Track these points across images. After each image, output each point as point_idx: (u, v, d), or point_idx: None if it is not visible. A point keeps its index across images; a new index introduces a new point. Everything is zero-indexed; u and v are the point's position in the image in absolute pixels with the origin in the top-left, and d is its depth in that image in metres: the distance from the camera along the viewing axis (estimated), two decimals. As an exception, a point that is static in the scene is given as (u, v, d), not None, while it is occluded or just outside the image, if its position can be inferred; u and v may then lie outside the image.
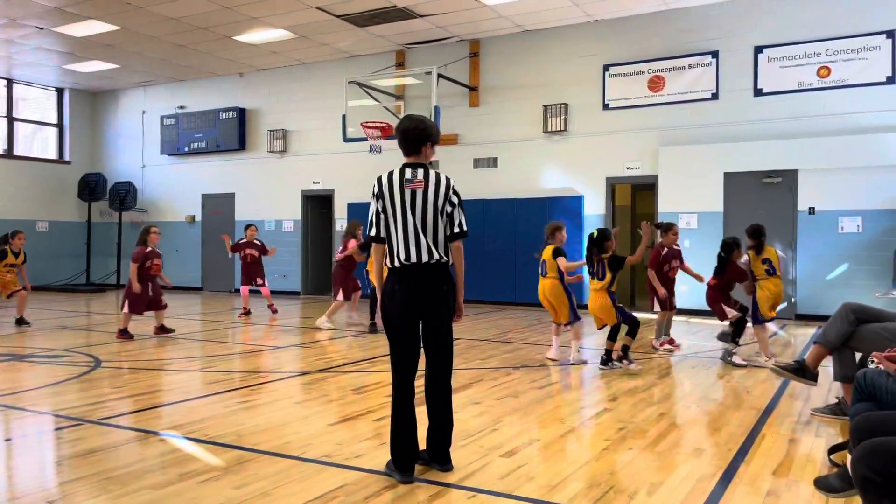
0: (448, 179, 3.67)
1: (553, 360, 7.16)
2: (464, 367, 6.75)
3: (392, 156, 13.89)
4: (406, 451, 3.56)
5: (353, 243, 9.84)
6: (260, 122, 16.23)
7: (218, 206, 16.83)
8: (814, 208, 10.91)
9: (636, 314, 7.04)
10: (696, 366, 7.02)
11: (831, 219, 10.78)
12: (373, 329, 9.34)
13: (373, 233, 3.68)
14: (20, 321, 10.04)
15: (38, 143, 18.24)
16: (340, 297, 9.86)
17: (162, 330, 8.95)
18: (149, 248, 8.80)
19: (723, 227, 11.40)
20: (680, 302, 11.42)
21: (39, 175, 17.54)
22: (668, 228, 8.00)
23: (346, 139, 12.97)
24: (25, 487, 3.55)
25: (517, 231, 13.09)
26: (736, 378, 6.33)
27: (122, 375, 6.42)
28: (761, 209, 11.24)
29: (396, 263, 3.60)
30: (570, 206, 12.82)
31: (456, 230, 3.67)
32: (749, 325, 7.10)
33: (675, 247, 8.03)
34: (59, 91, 18.09)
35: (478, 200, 13.27)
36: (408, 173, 3.61)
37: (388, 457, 3.66)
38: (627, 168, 12.46)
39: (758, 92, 11.40)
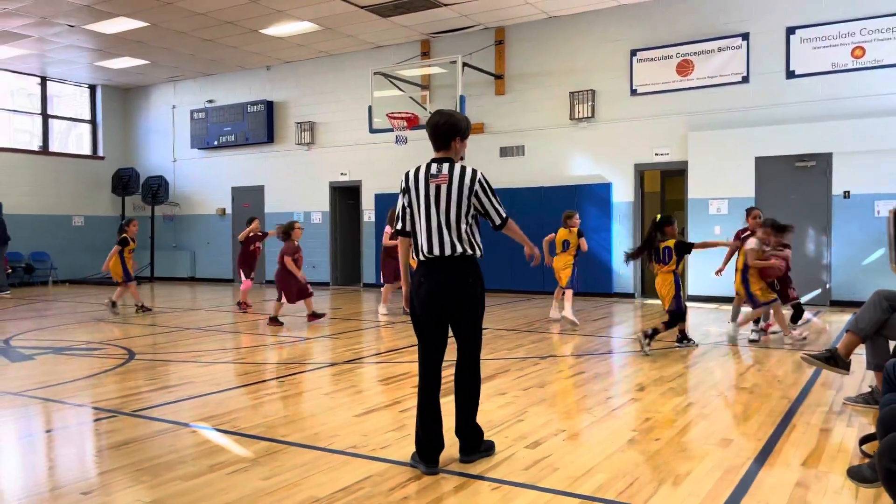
0: (474, 172, 3.64)
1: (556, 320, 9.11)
2: (491, 357, 6.76)
3: (418, 146, 13.94)
4: (430, 441, 3.58)
5: (388, 230, 10.01)
6: (287, 114, 16.35)
7: (247, 199, 17.02)
8: (849, 192, 10.67)
9: None
10: (727, 354, 6.94)
11: (867, 203, 10.54)
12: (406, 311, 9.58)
13: (399, 226, 3.75)
14: (142, 307, 10.83)
15: (73, 139, 18.61)
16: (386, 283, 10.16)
17: (314, 316, 9.42)
18: (296, 243, 9.34)
19: (754, 212, 11.18)
20: (712, 289, 11.32)
21: (74, 171, 17.90)
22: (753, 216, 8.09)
23: (372, 130, 13.00)
24: (63, 478, 3.66)
25: (544, 219, 12.96)
26: (767, 366, 6.25)
27: (154, 367, 6.55)
28: (794, 194, 11.03)
29: (421, 257, 3.65)
30: (598, 194, 12.71)
31: (497, 222, 3.70)
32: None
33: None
34: (92, 88, 18.42)
35: (504, 189, 13.20)
36: (433, 168, 3.63)
37: (414, 448, 3.69)
38: (656, 154, 12.30)
39: (790, 74, 11.15)
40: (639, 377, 5.88)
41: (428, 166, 3.65)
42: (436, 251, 3.58)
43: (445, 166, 3.62)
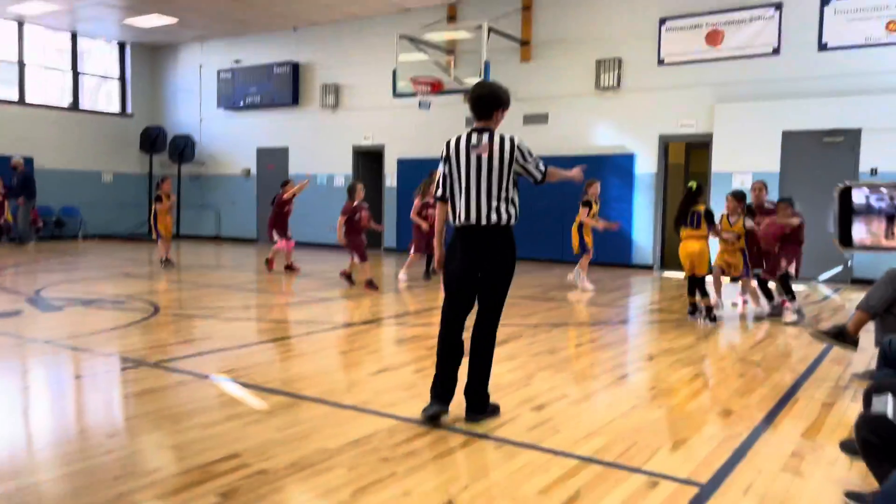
0: (512, 139, 3.75)
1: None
2: (504, 323, 6.83)
3: (441, 112, 13.96)
4: (444, 382, 3.81)
5: (417, 203, 10.03)
6: (313, 76, 16.38)
7: (272, 161, 17.17)
8: (876, 169, 10.51)
9: None
10: (740, 327, 6.98)
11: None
12: (426, 276, 10.12)
13: (439, 193, 3.92)
14: (166, 262, 11.19)
15: (103, 96, 18.84)
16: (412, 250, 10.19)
17: (370, 285, 9.10)
18: (356, 203, 9.28)
19: (778, 187, 11.09)
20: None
21: (103, 127, 18.17)
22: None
23: (396, 94, 13.01)
24: (89, 421, 3.87)
25: (566, 189, 12.94)
26: (779, 341, 6.29)
27: (178, 322, 6.77)
28: (820, 170, 10.89)
29: (457, 223, 3.81)
30: (621, 165, 12.65)
31: (538, 178, 3.82)
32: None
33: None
34: (121, 45, 18.58)
35: (527, 157, 13.20)
36: (474, 138, 3.76)
37: (423, 407, 3.84)
38: (681, 125, 12.19)
39: (822, 46, 10.93)
40: (649, 347, 5.96)
41: (469, 136, 3.78)
42: (472, 220, 3.73)
43: (486, 136, 3.74)
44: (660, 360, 5.47)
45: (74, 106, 17.82)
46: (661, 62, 12.23)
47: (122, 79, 18.80)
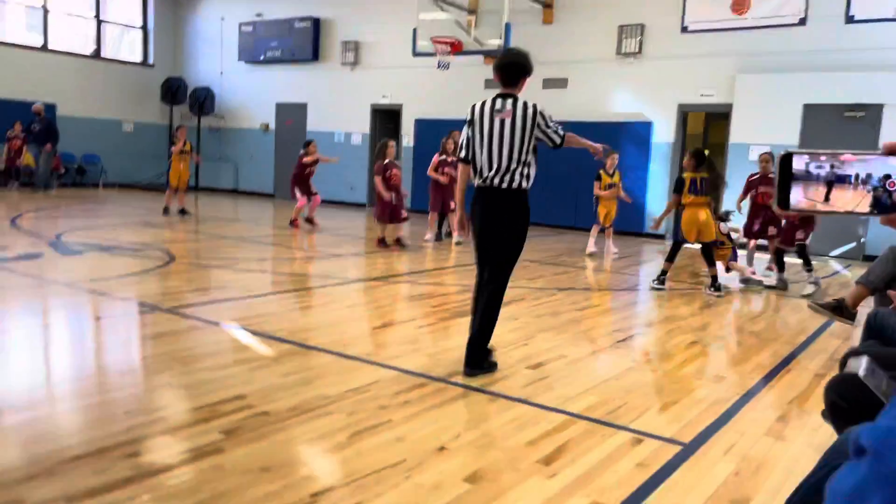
0: (534, 106, 3.89)
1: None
2: (510, 285, 6.98)
3: (460, 72, 13.90)
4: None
5: (435, 159, 10.02)
6: (333, 32, 16.31)
7: (290, 116, 17.22)
8: (896, 146, 10.38)
9: None
10: (743, 298, 7.05)
11: (914, 158, 10.26)
12: (438, 238, 10.17)
13: (462, 154, 4.05)
14: (182, 211, 11.55)
15: (126, 45, 18.89)
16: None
17: (398, 243, 9.14)
18: (387, 160, 9.16)
19: (796, 161, 11.01)
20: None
21: (125, 77, 18.26)
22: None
23: (415, 53, 12.95)
24: (103, 360, 4.05)
25: (581, 155, 12.90)
26: (781, 313, 6.35)
27: (192, 271, 6.95)
28: (839, 144, 10.76)
29: (477, 183, 3.99)
30: (638, 132, 12.58)
31: (557, 142, 3.97)
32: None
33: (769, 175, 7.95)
34: (144, -6, 18.57)
35: (544, 122, 13.17)
36: (498, 103, 3.90)
37: (424, 360, 3.99)
38: (701, 95, 12.07)
39: (849, 19, 10.72)
40: (650, 314, 6.05)
41: (493, 101, 3.92)
42: (490, 181, 3.90)
43: (510, 102, 3.88)
44: (660, 326, 5.56)
45: (97, 54, 17.90)
46: (684, 29, 12.06)
47: (145, 28, 18.82)
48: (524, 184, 3.90)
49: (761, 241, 8.17)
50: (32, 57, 16.55)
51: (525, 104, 3.88)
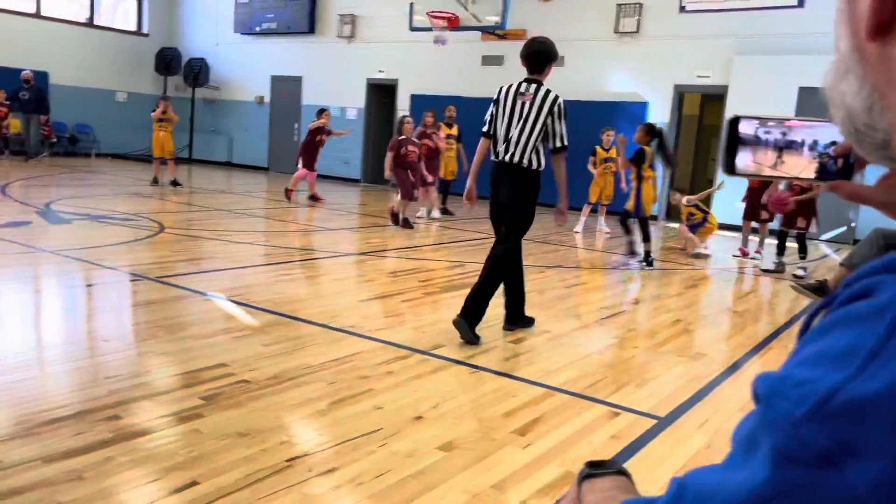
0: (556, 97, 4.22)
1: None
2: (499, 261, 7.02)
3: (457, 48, 13.79)
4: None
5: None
6: (330, 5, 16.14)
7: (286, 89, 17.10)
8: (890, 131, 10.39)
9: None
10: (731, 280, 7.09)
11: (907, 144, 10.27)
12: (445, 212, 10.42)
13: (484, 129, 4.37)
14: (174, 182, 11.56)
15: (121, 14, 18.67)
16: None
17: (405, 224, 8.86)
18: (402, 136, 8.94)
19: (790, 144, 11.01)
20: (737, 217, 11.35)
21: (119, 46, 18.07)
22: None
23: (412, 28, 12.86)
24: (88, 327, 4.07)
25: (578, 134, 12.82)
26: (767, 294, 6.40)
27: (182, 241, 6.95)
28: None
29: (495, 158, 4.33)
30: (633, 113, 12.53)
31: (558, 144, 4.27)
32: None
33: None
34: (139, -38, 18.32)
35: (540, 100, 13.12)
36: (523, 87, 4.23)
37: (408, 333, 4.02)
38: (698, 76, 12.02)
39: (848, 1, 10.65)
40: (637, 293, 6.09)
41: (519, 84, 4.25)
42: (503, 156, 4.24)
43: (533, 87, 4.20)
44: (645, 304, 5.60)
45: (91, 22, 17.70)
46: (682, 9, 11.98)
47: (139, -3, 18.60)
48: (535, 164, 4.23)
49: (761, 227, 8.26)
50: (24, 23, 16.35)
51: (547, 92, 4.20)
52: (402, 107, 15.26)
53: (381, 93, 15.90)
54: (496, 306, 5.01)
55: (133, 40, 18.40)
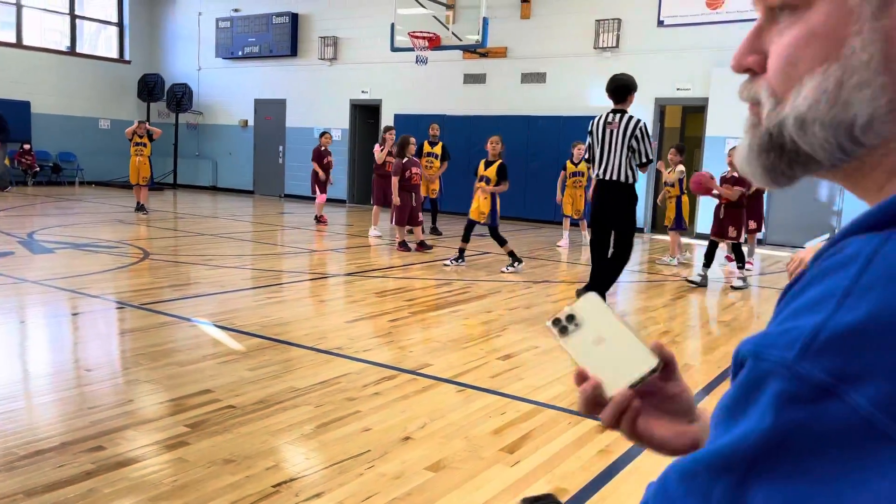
0: (637, 122, 5.14)
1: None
2: (485, 279, 7.03)
3: (439, 67, 13.89)
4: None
5: (377, 148, 10.02)
6: (311, 28, 16.23)
7: (269, 112, 17.13)
8: (868, 139, 10.54)
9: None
10: (716, 290, 7.12)
11: (885, 150, 10.42)
12: (434, 231, 10.48)
13: (586, 157, 5.62)
14: (141, 207, 11.47)
15: (102, 41, 18.68)
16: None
17: (421, 246, 8.60)
18: (405, 159, 8.47)
19: (770, 154, 11.15)
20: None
21: (101, 73, 18.05)
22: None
23: (394, 48, 12.93)
24: (70, 357, 4.02)
25: (561, 149, 13.01)
26: (754, 303, 6.43)
27: (166, 267, 6.90)
28: (813, 137, 10.92)
29: (596, 178, 5.31)
30: (615, 126, 12.64)
31: (643, 160, 5.21)
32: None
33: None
34: (119, -10, 18.36)
35: (522, 116, 13.21)
36: (610, 117, 5.16)
37: (395, 353, 4.00)
38: (678, 89, 12.16)
39: (822, 13, 10.83)
40: (624, 305, 6.11)
41: (607, 115, 5.20)
42: (605, 176, 5.18)
43: (618, 116, 5.14)
44: (633, 317, 5.61)
45: (72, 50, 17.69)
46: (660, 24, 12.14)
47: (120, 24, 18.63)
48: (629, 179, 5.17)
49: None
50: (5, 53, 16.31)
51: (630, 118, 5.13)
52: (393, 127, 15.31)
53: (366, 113, 15.96)
54: (477, 323, 5.01)
55: (115, 67, 18.40)
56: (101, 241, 8.39)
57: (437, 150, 10.57)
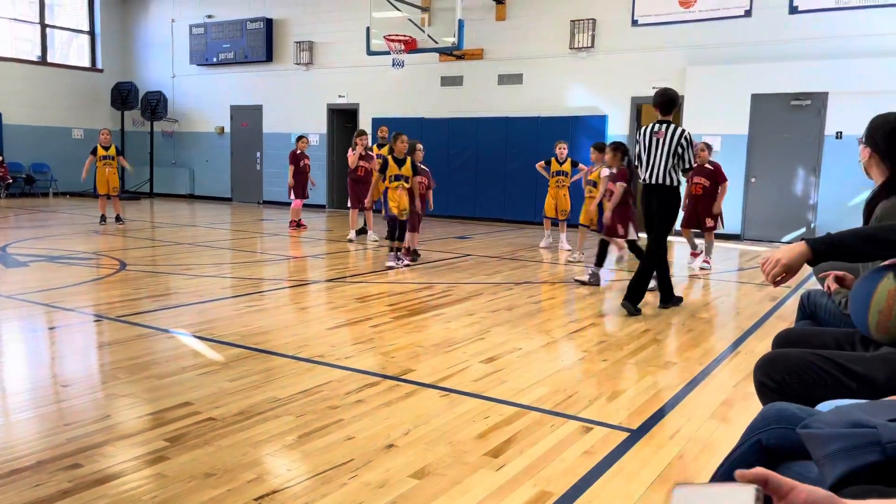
0: (682, 132, 5.63)
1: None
2: (467, 281, 7.02)
3: (416, 70, 13.88)
4: (665, 281, 5.96)
5: (350, 153, 9.92)
6: (286, 33, 16.15)
7: (246, 118, 17.01)
8: (841, 133, 10.68)
9: None
10: (695, 285, 7.17)
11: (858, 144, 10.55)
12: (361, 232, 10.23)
13: (635, 163, 6.05)
14: (118, 218, 11.37)
15: (74, 50, 18.43)
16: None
17: (411, 253, 8.22)
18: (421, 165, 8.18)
19: (746, 150, 11.26)
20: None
21: (73, 83, 17.83)
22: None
23: (369, 52, 12.90)
24: (44, 373, 3.94)
25: (539, 150, 13.02)
26: (734, 299, 6.48)
27: (143, 278, 6.81)
28: (787, 132, 11.04)
29: (643, 182, 5.81)
30: (593, 126, 12.71)
31: (686, 166, 5.72)
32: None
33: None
34: (90, -2, 18.14)
35: (500, 118, 13.22)
36: (656, 127, 5.68)
37: (378, 359, 3.98)
38: (653, 88, 12.17)
39: (793, 9, 10.97)
40: (605, 305, 6.12)
41: (653, 125, 5.72)
42: (651, 180, 5.69)
43: (664, 126, 5.65)
44: (613, 316, 5.63)
45: (43, 60, 17.44)
46: (634, 23, 12.22)
47: (92, 33, 18.40)
48: (673, 182, 5.68)
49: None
50: (-25, 64, 16.06)
51: (674, 128, 5.63)
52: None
53: (343, 117, 15.90)
54: (460, 326, 5.00)
55: (87, 76, 18.17)
56: (77, 252, 8.27)
57: (385, 151, 10.44)
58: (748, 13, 11.29)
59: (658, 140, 5.61)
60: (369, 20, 12.70)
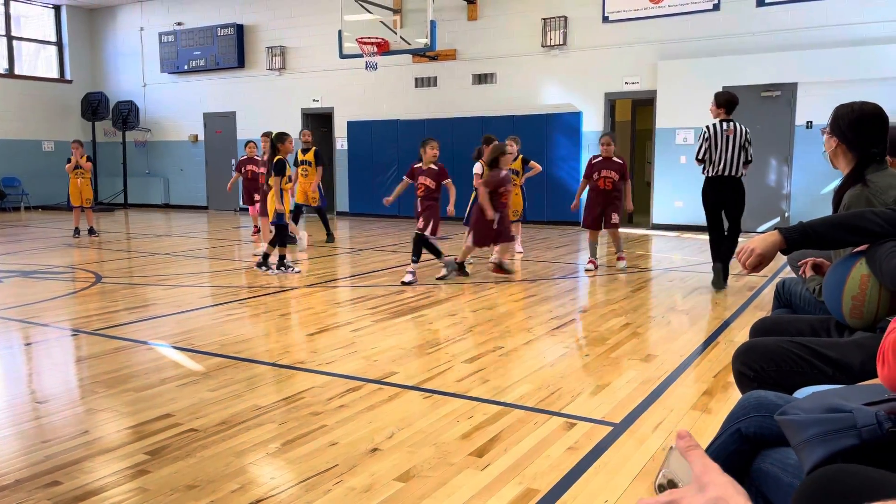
0: (745, 130, 6.49)
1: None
2: (446, 282, 7.01)
3: (389, 72, 13.85)
4: (718, 259, 6.61)
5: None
6: (258, 38, 16.05)
7: (219, 125, 16.87)
8: (811, 122, 10.84)
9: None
10: (675, 280, 7.23)
11: (828, 133, 10.71)
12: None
13: (699, 157, 6.59)
14: (91, 230, 11.26)
15: (43, 62, 18.16)
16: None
17: (499, 268, 7.29)
18: (504, 172, 7.13)
19: (719, 142, 11.38)
20: (674, 217, 11.59)
21: (42, 94, 17.57)
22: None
23: (342, 55, 12.85)
24: (20, 390, 3.88)
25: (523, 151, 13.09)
26: (709, 290, 6.54)
27: (120, 290, 6.73)
28: (759, 124, 11.15)
29: (711, 174, 6.51)
30: (568, 123, 12.77)
31: (749, 159, 6.57)
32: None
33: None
34: (57, 8, 17.89)
35: (476, 118, 13.24)
36: (726, 125, 6.44)
37: (359, 363, 3.97)
38: (626, 83, 12.33)
39: (760, 2, 11.11)
40: (585, 300, 6.15)
41: (722, 123, 6.46)
42: (726, 173, 6.43)
43: (732, 124, 6.45)
44: (593, 311, 5.66)
45: (10, 72, 17.17)
46: (605, 19, 12.30)
47: (59, 43, 18.15)
48: (742, 174, 6.52)
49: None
50: (-61, 78, 15.77)
51: (739, 127, 6.46)
52: (340, 134, 15.21)
53: (318, 121, 15.83)
54: (442, 327, 4.99)
55: (56, 87, 17.92)
56: (51, 267, 8.15)
57: (310, 156, 10.35)
58: (717, 7, 11.42)
59: (729, 137, 6.39)
60: (341, 23, 12.65)
